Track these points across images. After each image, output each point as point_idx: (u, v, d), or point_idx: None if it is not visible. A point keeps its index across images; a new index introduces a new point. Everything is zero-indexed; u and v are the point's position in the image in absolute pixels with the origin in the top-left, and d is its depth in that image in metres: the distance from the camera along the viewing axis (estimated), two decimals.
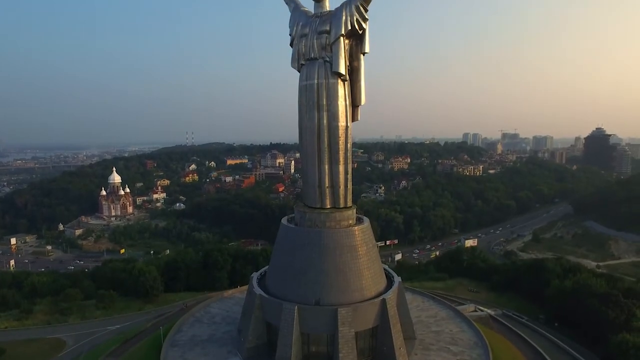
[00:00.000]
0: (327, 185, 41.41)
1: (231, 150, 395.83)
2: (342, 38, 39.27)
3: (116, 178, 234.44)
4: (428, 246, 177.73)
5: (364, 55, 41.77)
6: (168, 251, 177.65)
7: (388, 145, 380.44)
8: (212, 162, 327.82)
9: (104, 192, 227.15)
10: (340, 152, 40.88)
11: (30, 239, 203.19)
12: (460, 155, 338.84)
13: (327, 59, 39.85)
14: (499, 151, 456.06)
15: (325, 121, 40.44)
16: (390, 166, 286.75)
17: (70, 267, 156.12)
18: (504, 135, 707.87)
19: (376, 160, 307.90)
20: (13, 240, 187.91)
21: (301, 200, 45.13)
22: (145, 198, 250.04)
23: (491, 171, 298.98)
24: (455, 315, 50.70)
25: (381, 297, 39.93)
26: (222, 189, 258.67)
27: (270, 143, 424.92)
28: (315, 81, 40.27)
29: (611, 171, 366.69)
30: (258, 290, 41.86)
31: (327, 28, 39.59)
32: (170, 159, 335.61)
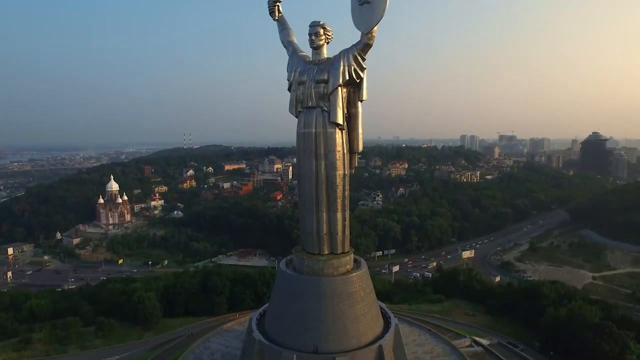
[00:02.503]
0: (325, 232, 41.83)
1: (229, 154, 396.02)
2: (339, 88, 39.61)
3: (114, 186, 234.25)
4: (406, 260, 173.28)
5: (361, 102, 42.14)
6: (167, 262, 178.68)
7: (386, 149, 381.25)
8: (210, 168, 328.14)
9: (101, 200, 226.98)
10: (339, 199, 41.27)
11: (27, 248, 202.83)
12: (458, 160, 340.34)
13: (325, 109, 40.16)
14: (497, 155, 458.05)
15: (323, 170, 40.81)
16: (387, 172, 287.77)
17: (71, 280, 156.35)
18: (502, 137, 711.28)
19: (374, 165, 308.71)
20: (10, 250, 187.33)
21: (300, 244, 45.47)
22: (143, 205, 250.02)
23: (488, 177, 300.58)
24: (452, 351, 51.30)
25: (378, 344, 40.43)
26: (220, 196, 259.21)
27: (268, 147, 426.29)
28: (313, 130, 40.62)
29: (608, 176, 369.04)
30: (257, 335, 42.29)
31: (325, 77, 39.88)
32: (168, 164, 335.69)
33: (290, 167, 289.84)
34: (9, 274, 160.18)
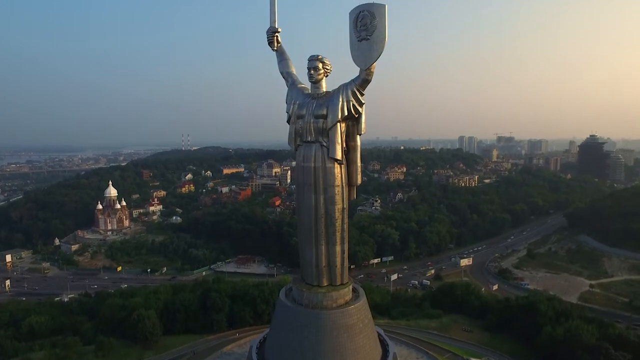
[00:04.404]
0: (324, 264, 42.14)
1: (227, 157, 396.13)
2: (338, 123, 39.92)
3: (112, 192, 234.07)
4: (384, 270, 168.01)
5: (360, 135, 42.44)
6: (165, 269, 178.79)
7: (384, 152, 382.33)
8: (209, 172, 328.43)
9: (100, 206, 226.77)
10: (337, 233, 41.58)
11: (25, 254, 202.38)
12: (456, 163, 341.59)
13: (324, 144, 40.40)
14: (495, 157, 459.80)
15: (322, 204, 41.07)
16: (386, 177, 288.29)
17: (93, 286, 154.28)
18: (500, 139, 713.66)
19: (372, 170, 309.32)
20: (8, 257, 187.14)
21: (299, 275, 45.80)
22: (141, 210, 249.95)
23: (486, 181, 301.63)
24: None
25: None
26: (218, 200, 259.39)
27: (267, 150, 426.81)
28: (312, 164, 40.86)
29: (605, 179, 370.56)
30: None
31: (324, 112, 40.08)
32: (167, 168, 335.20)
33: (289, 172, 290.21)
34: (7, 282, 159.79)
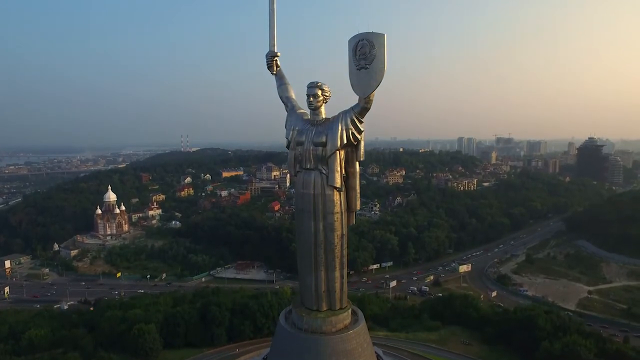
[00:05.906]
0: (323, 290, 42.35)
1: (226, 160, 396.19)
2: (337, 151, 40.18)
3: (111, 196, 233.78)
4: (366, 280, 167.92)
5: (359, 162, 42.68)
6: (165, 275, 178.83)
7: (383, 155, 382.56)
8: (208, 175, 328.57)
9: (99, 211, 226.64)
10: (336, 259, 41.80)
11: (25, 259, 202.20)
12: (455, 166, 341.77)
13: (324, 172, 40.64)
14: (494, 160, 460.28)
15: (321, 231, 41.24)
16: (385, 180, 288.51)
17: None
18: (499, 140, 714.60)
19: (371, 173, 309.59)
20: (7, 263, 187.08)
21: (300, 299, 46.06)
22: (140, 215, 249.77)
23: (485, 184, 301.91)
24: None
25: None
26: (217, 204, 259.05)
27: (266, 152, 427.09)
28: (312, 191, 41.02)
29: (604, 182, 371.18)
30: None
31: (324, 140, 40.21)
32: (166, 171, 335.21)
33: (288, 175, 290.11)
34: (7, 289, 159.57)
